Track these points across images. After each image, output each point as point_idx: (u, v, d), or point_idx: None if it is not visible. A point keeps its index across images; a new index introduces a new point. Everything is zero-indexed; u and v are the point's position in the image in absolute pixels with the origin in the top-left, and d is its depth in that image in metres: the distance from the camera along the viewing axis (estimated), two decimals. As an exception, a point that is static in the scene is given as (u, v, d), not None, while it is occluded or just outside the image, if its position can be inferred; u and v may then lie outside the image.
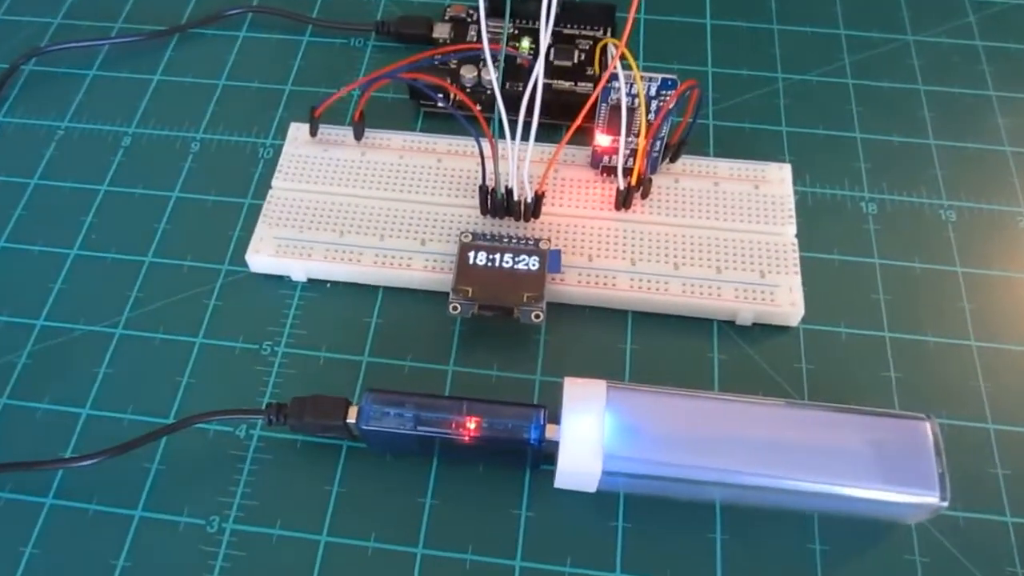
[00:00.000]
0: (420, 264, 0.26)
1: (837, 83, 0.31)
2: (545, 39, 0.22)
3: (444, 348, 0.25)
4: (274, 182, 0.28)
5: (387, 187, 0.27)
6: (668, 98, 0.24)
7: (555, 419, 0.22)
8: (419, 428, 0.22)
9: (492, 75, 0.24)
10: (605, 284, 0.25)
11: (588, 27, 0.32)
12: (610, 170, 0.27)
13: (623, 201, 0.26)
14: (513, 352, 0.25)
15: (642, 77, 0.24)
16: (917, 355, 0.25)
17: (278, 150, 0.29)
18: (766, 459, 0.21)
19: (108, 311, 0.26)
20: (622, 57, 0.23)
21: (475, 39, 0.32)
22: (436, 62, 0.28)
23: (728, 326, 0.26)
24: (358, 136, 0.28)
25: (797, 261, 0.26)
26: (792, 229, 0.27)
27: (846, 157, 0.29)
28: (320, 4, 0.34)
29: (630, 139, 0.26)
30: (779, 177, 0.28)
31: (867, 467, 0.21)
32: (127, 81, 0.31)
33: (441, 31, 0.32)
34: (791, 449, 0.21)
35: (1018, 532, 0.22)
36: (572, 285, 0.25)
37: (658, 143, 0.26)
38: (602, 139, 0.26)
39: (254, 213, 0.28)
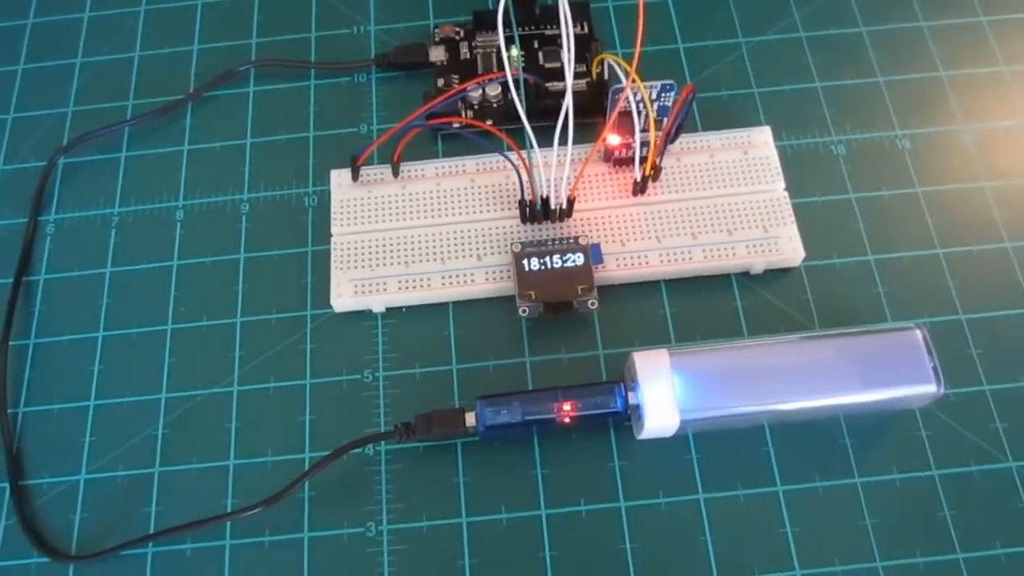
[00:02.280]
0: (481, 278, 0.30)
1: (792, 38, 0.35)
2: (570, 77, 0.26)
3: (517, 345, 0.30)
4: (333, 230, 0.31)
5: (435, 214, 0.31)
6: (674, 103, 0.28)
7: (628, 386, 0.27)
8: (526, 419, 0.26)
9: (516, 99, 0.27)
10: (640, 264, 0.30)
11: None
12: (621, 162, 0.32)
13: (640, 189, 0.31)
14: (575, 335, 0.30)
15: (646, 86, 0.28)
16: (897, 270, 0.31)
17: (322, 196, 0.32)
18: (800, 387, 0.27)
19: (219, 373, 0.30)
20: (625, 71, 0.27)
21: (468, 56, 0.35)
22: (466, 92, 0.31)
23: (744, 277, 0.31)
24: (396, 173, 0.32)
25: (791, 211, 0.31)
26: (781, 184, 0.31)
27: (811, 106, 0.34)
28: (314, 46, 0.36)
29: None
30: (762, 140, 0.32)
31: (877, 375, 0.27)
32: (159, 157, 0.34)
33: (437, 54, 0.35)
34: (818, 373, 0.27)
35: (995, 396, 0.28)
36: (613, 270, 0.30)
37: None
38: (613, 139, 0.30)
39: (319, 259, 0.31)
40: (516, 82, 0.27)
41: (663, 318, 0.30)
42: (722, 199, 0.31)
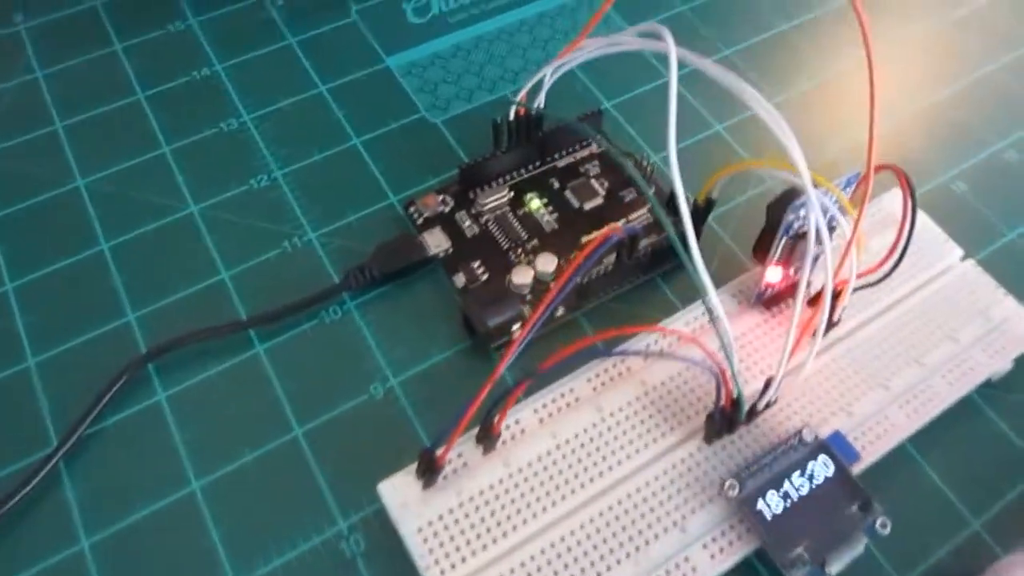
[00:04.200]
0: (701, 556, 0.18)
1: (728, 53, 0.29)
2: (824, 229, 0.16)
3: (795, 630, 0.18)
4: (432, 584, 0.18)
5: (575, 486, 0.19)
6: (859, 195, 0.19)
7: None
8: None
9: (686, 223, 0.17)
10: (884, 429, 0.20)
11: (580, 146, 0.25)
12: (771, 302, 0.22)
13: (832, 323, 0.21)
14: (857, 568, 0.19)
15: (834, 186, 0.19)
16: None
17: (368, 531, 0.19)
18: None
19: None
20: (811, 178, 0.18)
21: (476, 229, 0.24)
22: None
23: (985, 389, 0.22)
24: (488, 449, 0.19)
25: (992, 280, 0.23)
26: (958, 251, 0.24)
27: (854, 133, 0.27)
28: (235, 293, 0.23)
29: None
30: (894, 205, 0.24)
31: None
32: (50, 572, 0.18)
33: (435, 240, 0.23)
34: None
35: None
36: (862, 452, 0.20)
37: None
38: (773, 274, 0.21)
39: (420, 644, 0.18)
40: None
41: (936, 489, 0.21)
42: (915, 298, 0.22)
